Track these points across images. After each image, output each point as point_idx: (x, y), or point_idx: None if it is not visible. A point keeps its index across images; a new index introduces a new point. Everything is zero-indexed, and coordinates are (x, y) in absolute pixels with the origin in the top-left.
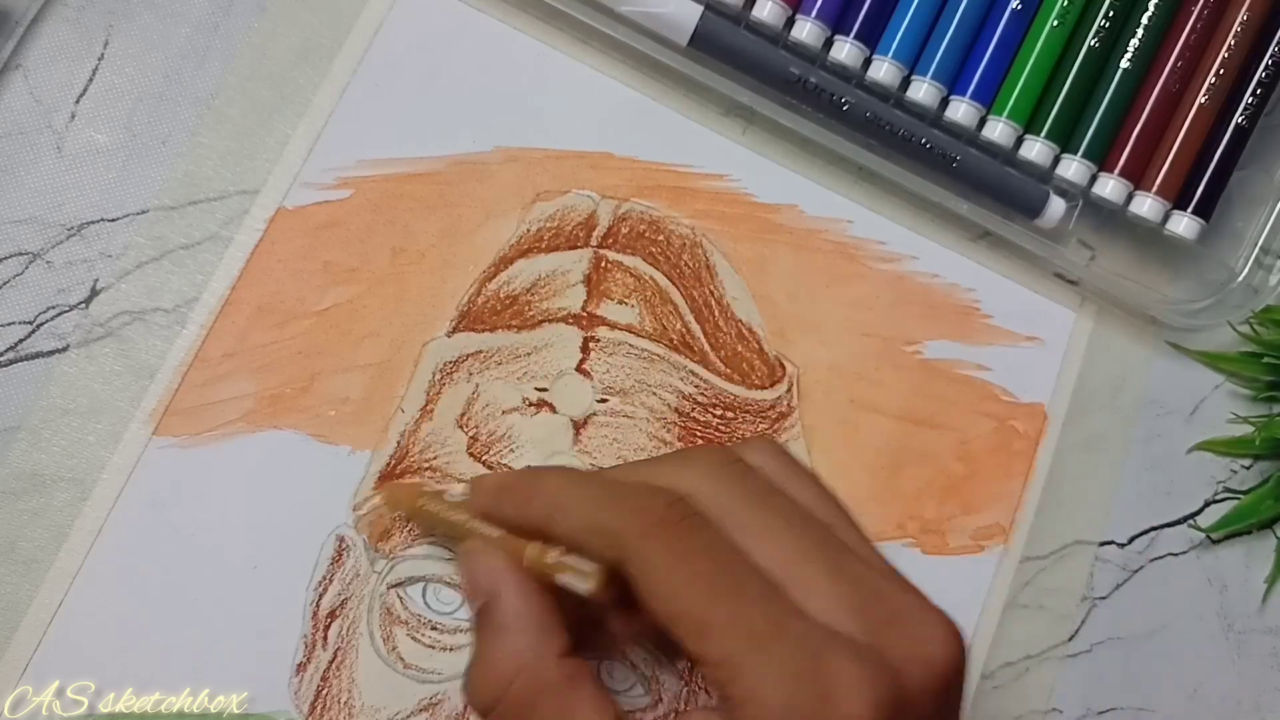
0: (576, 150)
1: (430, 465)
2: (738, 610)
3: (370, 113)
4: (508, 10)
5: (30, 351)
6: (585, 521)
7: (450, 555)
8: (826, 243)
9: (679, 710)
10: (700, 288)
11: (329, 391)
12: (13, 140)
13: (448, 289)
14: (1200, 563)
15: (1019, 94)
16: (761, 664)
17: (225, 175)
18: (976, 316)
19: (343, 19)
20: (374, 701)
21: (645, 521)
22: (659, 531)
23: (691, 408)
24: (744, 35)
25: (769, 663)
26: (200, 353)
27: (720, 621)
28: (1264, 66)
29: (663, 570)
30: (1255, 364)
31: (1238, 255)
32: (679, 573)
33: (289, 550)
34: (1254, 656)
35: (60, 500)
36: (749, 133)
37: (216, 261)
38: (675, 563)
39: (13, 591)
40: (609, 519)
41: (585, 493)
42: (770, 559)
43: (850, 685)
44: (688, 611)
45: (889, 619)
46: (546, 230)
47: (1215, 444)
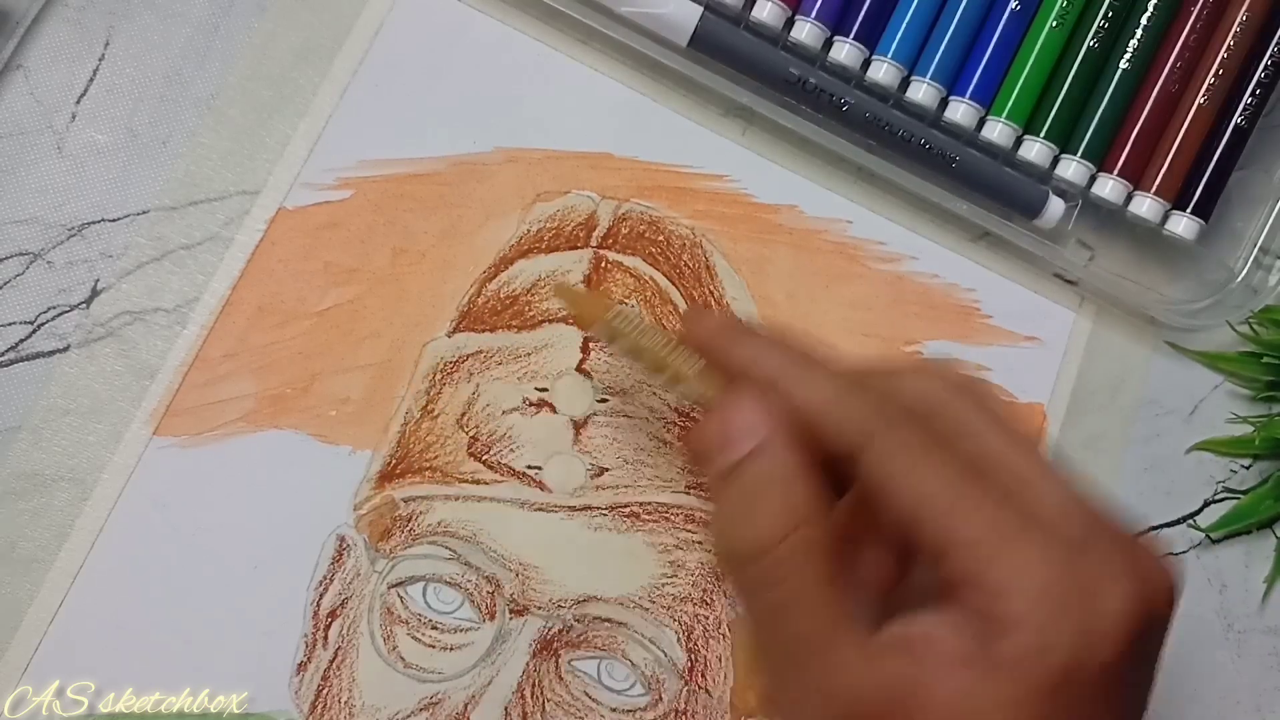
0: (576, 151)
1: (431, 465)
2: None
3: (370, 113)
4: (508, 10)
5: (31, 351)
6: (830, 398)
7: (450, 555)
8: (826, 243)
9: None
10: (700, 288)
11: (329, 391)
12: (13, 140)
13: (448, 289)
14: (1200, 563)
15: (1018, 94)
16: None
17: (226, 175)
18: (976, 317)
19: (343, 19)
20: (374, 701)
21: (891, 410)
22: (907, 421)
23: (691, 408)
24: (744, 36)
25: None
26: (201, 353)
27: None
28: (1263, 67)
29: (911, 454)
30: (1254, 364)
31: (1237, 255)
32: (930, 458)
33: (289, 550)
34: (1254, 656)
35: (61, 500)
36: (749, 133)
37: (217, 262)
38: (924, 449)
39: (13, 591)
40: (856, 401)
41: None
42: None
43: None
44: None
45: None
46: (547, 231)
47: (1214, 444)
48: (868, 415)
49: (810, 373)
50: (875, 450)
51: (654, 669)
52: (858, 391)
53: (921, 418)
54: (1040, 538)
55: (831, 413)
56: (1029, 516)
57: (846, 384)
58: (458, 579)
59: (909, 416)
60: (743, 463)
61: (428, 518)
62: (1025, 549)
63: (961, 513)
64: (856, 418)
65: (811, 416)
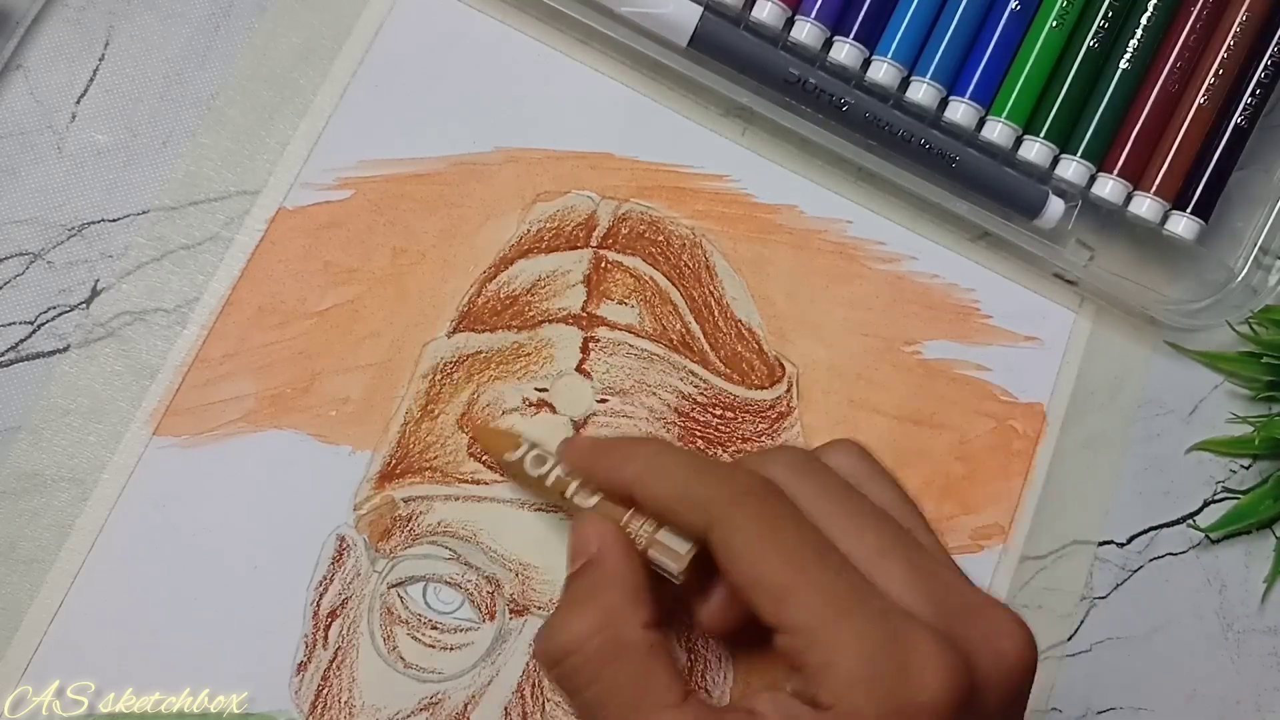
0: (576, 150)
1: (431, 465)
2: (820, 578)
3: (371, 113)
4: (508, 10)
5: (31, 351)
6: (677, 487)
7: (450, 555)
8: (826, 243)
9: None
10: (700, 288)
11: (329, 391)
12: (13, 140)
13: (448, 289)
14: (1199, 562)
15: (1018, 94)
16: (841, 631)
17: (226, 176)
18: (975, 316)
19: (343, 19)
20: (374, 701)
21: (734, 490)
22: (747, 499)
23: (691, 408)
24: (744, 36)
25: (849, 630)
26: (201, 353)
27: (802, 587)
28: (1263, 67)
29: (749, 536)
30: (1254, 364)
31: (1237, 255)
32: (764, 539)
33: (290, 550)
34: (1253, 656)
35: (61, 500)
36: (749, 133)
37: (217, 262)
38: (761, 530)
39: (13, 591)
40: (700, 486)
41: (677, 461)
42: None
43: (928, 659)
44: (770, 576)
45: (965, 611)
46: (547, 230)
47: (1214, 444)
48: (712, 498)
49: (663, 467)
50: (716, 532)
51: None
52: (706, 476)
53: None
54: (862, 617)
55: (680, 501)
56: (857, 597)
57: (696, 470)
58: (458, 579)
59: (749, 495)
60: (571, 576)
61: (428, 518)
62: (846, 629)
63: (791, 594)
64: (703, 502)
65: (664, 509)
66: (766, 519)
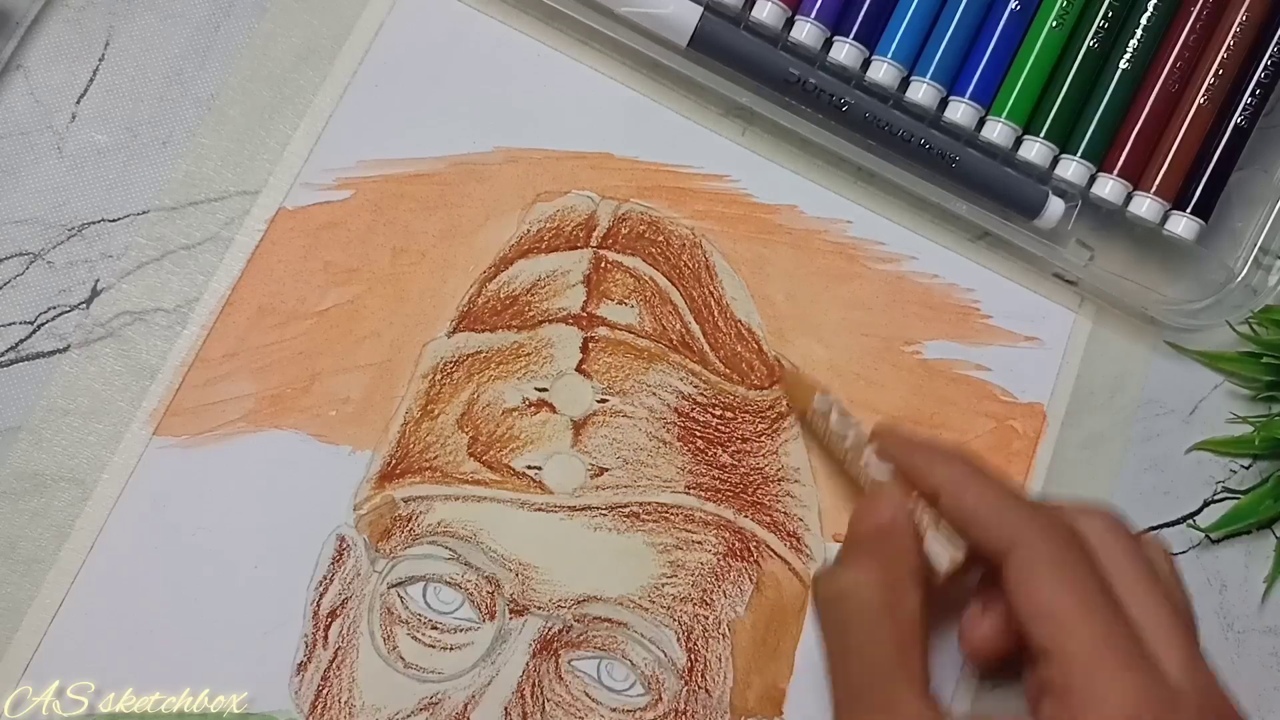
0: (576, 151)
1: (431, 465)
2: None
3: (370, 113)
4: (508, 10)
5: (31, 351)
6: (990, 504)
7: (450, 555)
8: (826, 243)
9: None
10: (700, 288)
11: (330, 391)
12: (13, 141)
13: (448, 289)
14: (1199, 562)
15: (1018, 94)
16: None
17: (226, 176)
18: (975, 317)
19: (343, 20)
20: (374, 701)
21: (1045, 524)
22: (1055, 534)
23: (691, 407)
24: (744, 36)
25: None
26: (201, 353)
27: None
28: (1263, 67)
29: (1049, 565)
30: (1254, 364)
31: (1236, 255)
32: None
33: (290, 550)
34: (1253, 656)
35: (61, 500)
36: (749, 133)
37: (217, 262)
38: (1062, 565)
39: (13, 591)
40: (1013, 510)
41: (990, 480)
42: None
43: None
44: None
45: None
46: (546, 231)
47: (1214, 444)
48: (1018, 526)
49: (978, 483)
50: (1018, 553)
51: (654, 669)
52: (1020, 503)
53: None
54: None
55: (990, 516)
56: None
57: (1009, 495)
58: (458, 579)
59: (1059, 533)
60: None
61: (428, 518)
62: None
63: (1078, 627)
64: (1014, 523)
65: (969, 519)
66: (1069, 559)
